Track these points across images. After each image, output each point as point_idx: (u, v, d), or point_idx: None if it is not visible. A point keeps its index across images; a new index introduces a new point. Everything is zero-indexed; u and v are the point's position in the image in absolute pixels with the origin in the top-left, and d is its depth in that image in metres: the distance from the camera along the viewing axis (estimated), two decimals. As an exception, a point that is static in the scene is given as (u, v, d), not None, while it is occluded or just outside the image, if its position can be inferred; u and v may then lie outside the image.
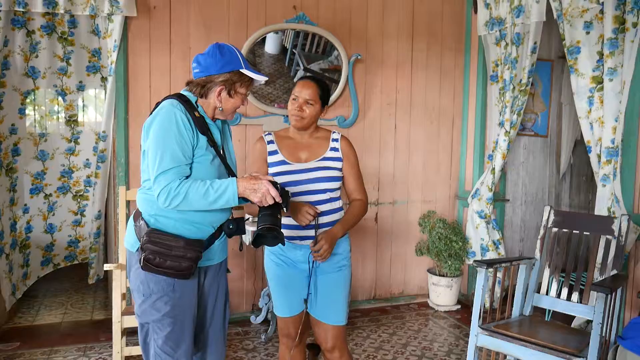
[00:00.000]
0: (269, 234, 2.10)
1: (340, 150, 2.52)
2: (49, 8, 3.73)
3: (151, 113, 2.11)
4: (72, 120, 4.28)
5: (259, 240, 2.13)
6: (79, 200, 4.39)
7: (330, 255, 2.46)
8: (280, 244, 2.17)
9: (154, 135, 2.03)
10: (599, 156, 3.56)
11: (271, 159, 2.51)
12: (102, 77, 4.16)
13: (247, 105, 4.22)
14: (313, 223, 2.36)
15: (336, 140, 2.54)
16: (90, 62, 4.15)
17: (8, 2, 3.64)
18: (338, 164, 2.51)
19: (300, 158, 2.50)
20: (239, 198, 2.04)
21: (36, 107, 4.24)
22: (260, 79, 2.17)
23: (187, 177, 2.04)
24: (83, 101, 4.36)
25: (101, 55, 4.12)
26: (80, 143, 4.34)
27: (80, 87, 4.20)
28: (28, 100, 4.14)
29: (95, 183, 4.29)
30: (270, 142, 2.54)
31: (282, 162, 2.48)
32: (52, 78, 4.10)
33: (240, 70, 2.12)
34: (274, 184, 2.07)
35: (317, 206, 2.41)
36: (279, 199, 2.06)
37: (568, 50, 3.71)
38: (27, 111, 4.13)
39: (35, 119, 4.24)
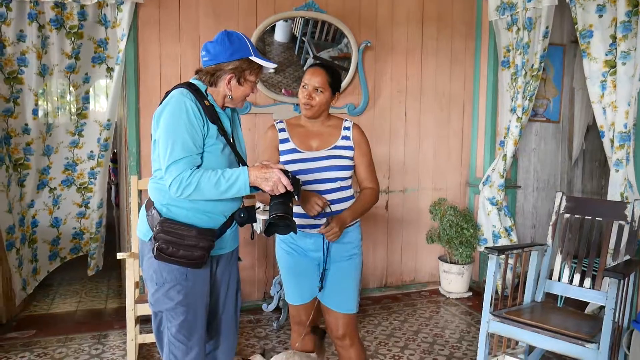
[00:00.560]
0: (281, 223, 2.10)
1: (352, 138, 2.51)
2: None
3: (161, 102, 2.12)
4: (77, 114, 4.21)
5: (271, 229, 2.13)
6: (83, 192, 4.32)
7: (341, 244, 2.47)
8: (292, 232, 2.17)
9: (164, 124, 2.03)
10: (612, 141, 3.53)
11: (282, 147, 2.51)
12: (108, 67, 4.10)
13: (257, 94, 4.22)
14: (322, 212, 2.36)
15: (348, 128, 2.53)
16: (96, 53, 4.07)
17: None
18: (349, 153, 2.50)
19: (312, 146, 2.49)
20: (250, 187, 2.05)
21: (48, 102, 4.16)
22: (270, 66, 2.16)
23: (198, 167, 2.05)
24: (89, 92, 4.24)
25: (107, 46, 4.05)
26: (85, 135, 4.24)
27: (86, 80, 4.13)
28: (40, 94, 4.04)
29: (98, 172, 4.24)
30: (282, 130, 2.54)
31: (293, 151, 2.47)
32: (60, 75, 4.02)
33: (250, 57, 2.11)
34: (285, 172, 2.07)
35: (327, 195, 2.41)
36: (290, 188, 2.06)
37: (580, 34, 3.66)
38: (39, 110, 4.05)
39: (47, 112, 4.16)
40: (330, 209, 2.39)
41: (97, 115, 4.29)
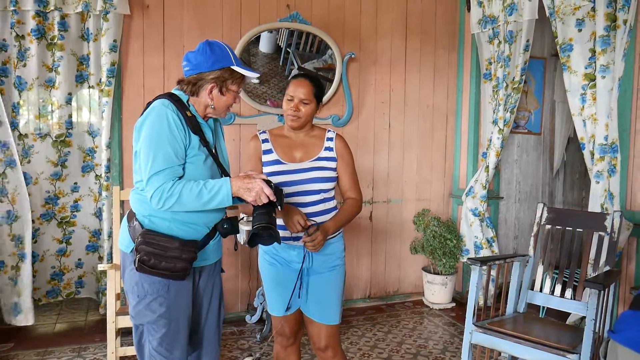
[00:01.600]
0: (264, 233, 2.10)
1: (334, 149, 2.52)
2: (40, 7, 3.66)
3: (142, 113, 2.11)
4: (59, 142, 3.94)
5: (254, 239, 2.13)
6: (64, 227, 4.01)
7: (324, 255, 2.47)
8: (275, 243, 2.17)
9: (145, 136, 2.02)
10: (592, 153, 3.58)
11: (265, 158, 2.50)
12: (89, 85, 3.93)
13: (241, 105, 4.22)
14: (302, 234, 2.36)
15: (331, 139, 2.53)
16: (79, 71, 3.91)
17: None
18: (332, 164, 2.51)
19: (295, 158, 2.49)
20: (233, 198, 2.04)
21: (28, 120, 3.87)
22: (252, 75, 2.16)
23: (180, 178, 2.03)
24: (72, 116, 3.97)
25: (89, 62, 3.90)
26: (68, 166, 3.98)
27: (69, 100, 3.91)
28: (15, 108, 3.78)
29: (103, 203, 3.95)
30: (265, 140, 2.53)
31: (277, 162, 2.47)
32: (40, 89, 3.84)
33: (231, 67, 2.11)
34: (268, 182, 2.07)
35: (311, 207, 2.42)
36: (273, 198, 2.05)
37: (561, 48, 3.72)
38: (15, 128, 3.77)
39: (25, 132, 3.86)
40: (315, 225, 2.37)
41: (77, 141, 4.03)
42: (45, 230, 4.01)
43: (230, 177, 2.10)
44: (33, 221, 3.90)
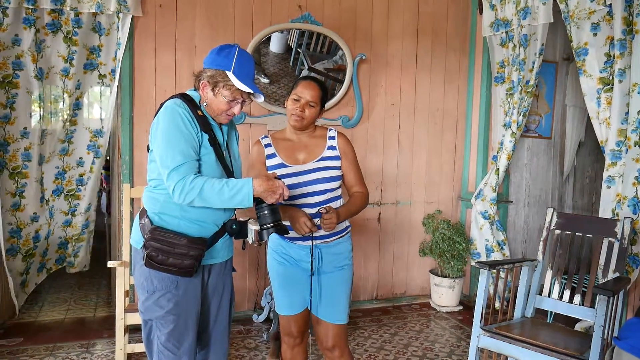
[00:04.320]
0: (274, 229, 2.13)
1: (337, 148, 2.53)
2: (57, 5, 3.72)
3: (156, 114, 2.14)
4: (68, 121, 4.08)
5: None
6: (70, 200, 4.17)
7: (332, 255, 2.48)
8: (283, 243, 2.19)
9: (161, 134, 2.05)
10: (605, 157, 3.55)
11: (269, 162, 2.51)
12: (100, 74, 4.03)
13: (252, 105, 4.23)
14: (309, 235, 2.39)
15: (333, 138, 2.54)
16: (88, 60, 3.99)
17: None
18: (336, 163, 2.51)
19: (299, 160, 2.50)
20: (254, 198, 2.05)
21: (42, 107, 4.03)
22: (241, 86, 2.11)
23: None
24: (80, 99, 4.10)
25: (100, 53, 3.99)
26: (74, 142, 4.13)
27: (78, 86, 4.03)
28: (36, 98, 3.96)
29: (89, 178, 4.16)
30: (268, 145, 2.55)
31: (281, 165, 2.48)
32: (55, 78, 3.95)
33: (226, 71, 2.11)
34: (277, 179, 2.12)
35: (317, 207, 2.42)
36: (287, 198, 2.10)
37: (576, 52, 3.69)
38: (37, 115, 3.96)
39: (42, 117, 4.03)
40: (318, 225, 2.40)
41: (90, 122, 4.19)
42: (58, 207, 4.15)
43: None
44: (48, 200, 4.09)
